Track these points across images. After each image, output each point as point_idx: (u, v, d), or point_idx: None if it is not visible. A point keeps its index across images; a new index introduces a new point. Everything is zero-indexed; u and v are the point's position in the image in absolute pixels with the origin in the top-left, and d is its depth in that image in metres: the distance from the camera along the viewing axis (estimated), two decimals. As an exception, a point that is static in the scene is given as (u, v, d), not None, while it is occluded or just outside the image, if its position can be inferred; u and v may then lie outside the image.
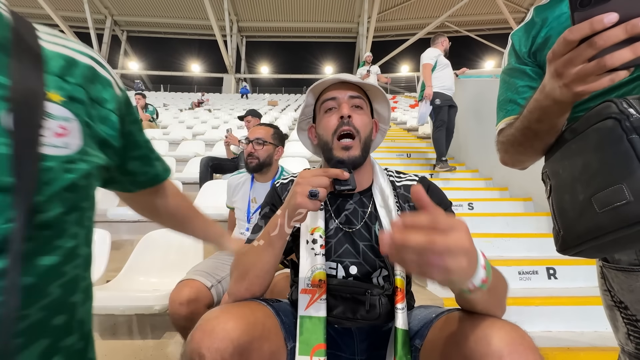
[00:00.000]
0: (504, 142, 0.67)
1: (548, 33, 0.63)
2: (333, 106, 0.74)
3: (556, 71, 0.45)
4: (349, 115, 0.71)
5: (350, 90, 0.75)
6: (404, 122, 7.07)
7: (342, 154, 0.71)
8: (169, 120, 7.10)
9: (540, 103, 0.52)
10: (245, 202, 1.57)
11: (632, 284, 0.52)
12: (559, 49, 0.43)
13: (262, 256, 0.66)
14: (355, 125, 0.72)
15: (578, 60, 0.41)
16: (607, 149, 0.44)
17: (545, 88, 0.49)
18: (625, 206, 0.41)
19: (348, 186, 0.62)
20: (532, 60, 0.67)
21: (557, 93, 0.47)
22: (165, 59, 21.06)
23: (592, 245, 0.47)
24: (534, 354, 0.46)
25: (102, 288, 1.55)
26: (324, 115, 0.75)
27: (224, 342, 0.53)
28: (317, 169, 0.64)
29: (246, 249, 0.71)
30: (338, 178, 0.62)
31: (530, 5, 16.21)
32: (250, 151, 1.51)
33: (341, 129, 0.71)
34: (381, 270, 0.72)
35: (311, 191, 0.59)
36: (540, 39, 0.64)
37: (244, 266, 0.68)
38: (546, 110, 0.52)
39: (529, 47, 0.67)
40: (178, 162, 3.79)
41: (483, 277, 0.44)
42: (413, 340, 0.63)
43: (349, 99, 0.74)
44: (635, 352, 0.54)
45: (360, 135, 0.72)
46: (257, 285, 0.68)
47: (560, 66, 0.43)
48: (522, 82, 0.67)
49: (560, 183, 0.53)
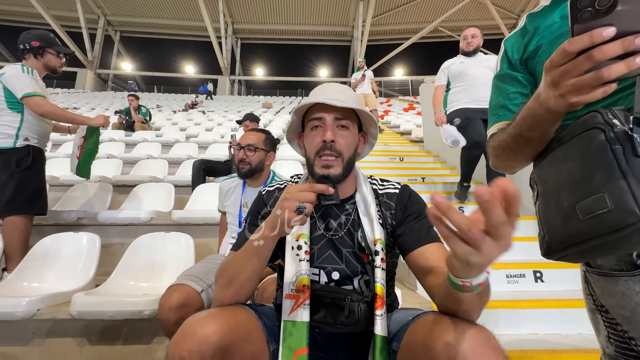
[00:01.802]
0: (495, 147, 0.68)
1: (539, 42, 0.64)
2: (319, 125, 0.75)
3: (552, 81, 0.45)
4: (332, 140, 0.72)
5: (336, 112, 0.75)
6: (397, 125, 7.12)
7: (323, 172, 0.73)
8: (162, 122, 7.04)
9: (534, 111, 0.53)
10: (236, 207, 1.57)
11: (612, 288, 0.53)
12: (557, 59, 0.43)
13: (247, 265, 0.68)
14: (337, 149, 0.73)
15: (575, 71, 0.42)
16: (591, 158, 0.45)
17: (540, 97, 0.50)
18: (607, 214, 0.42)
19: (332, 201, 0.66)
20: (523, 67, 0.68)
21: (551, 102, 0.48)
22: (159, 60, 20.93)
23: (575, 251, 0.48)
24: (497, 356, 0.48)
25: (91, 293, 1.52)
26: (310, 132, 0.76)
27: (205, 345, 0.55)
28: (303, 185, 0.66)
29: (231, 258, 0.72)
30: (323, 193, 0.64)
31: (521, 11, 16.54)
32: (242, 157, 1.52)
33: (323, 152, 0.73)
34: (362, 275, 0.74)
35: (299, 207, 0.61)
36: (532, 47, 0.65)
37: (230, 274, 0.69)
38: (539, 119, 0.53)
39: (521, 54, 0.68)
40: (171, 165, 3.75)
41: (481, 281, 0.46)
42: (391, 343, 0.65)
43: (335, 120, 0.74)
44: (614, 355, 0.55)
45: (343, 156, 0.74)
46: (242, 294, 0.70)
47: (557, 76, 0.44)
48: (514, 88, 0.68)
49: (547, 189, 0.54)
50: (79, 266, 1.78)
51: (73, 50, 2.10)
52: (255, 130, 1.63)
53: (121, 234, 2.38)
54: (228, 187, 1.64)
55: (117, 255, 1.90)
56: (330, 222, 0.78)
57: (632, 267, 0.50)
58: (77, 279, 1.72)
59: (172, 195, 2.82)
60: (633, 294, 0.50)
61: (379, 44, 18.79)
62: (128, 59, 20.79)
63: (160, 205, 2.70)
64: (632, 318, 0.51)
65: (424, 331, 0.57)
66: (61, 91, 13.80)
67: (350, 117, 0.77)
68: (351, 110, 0.77)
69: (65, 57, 2.05)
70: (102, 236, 1.94)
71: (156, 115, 7.73)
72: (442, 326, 0.53)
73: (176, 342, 0.57)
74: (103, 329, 1.48)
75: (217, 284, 0.72)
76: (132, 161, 3.82)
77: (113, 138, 4.86)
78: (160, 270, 1.77)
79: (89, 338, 1.48)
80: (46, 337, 1.46)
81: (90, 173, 2.18)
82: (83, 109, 8.73)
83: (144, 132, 5.36)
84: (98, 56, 18.05)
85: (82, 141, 2.05)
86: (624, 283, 0.51)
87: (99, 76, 18.45)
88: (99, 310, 1.39)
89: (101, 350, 1.46)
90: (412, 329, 0.62)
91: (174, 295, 1.13)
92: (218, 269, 0.73)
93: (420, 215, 0.76)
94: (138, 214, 2.36)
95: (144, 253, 1.83)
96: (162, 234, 1.90)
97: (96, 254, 1.81)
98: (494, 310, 1.46)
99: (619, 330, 0.53)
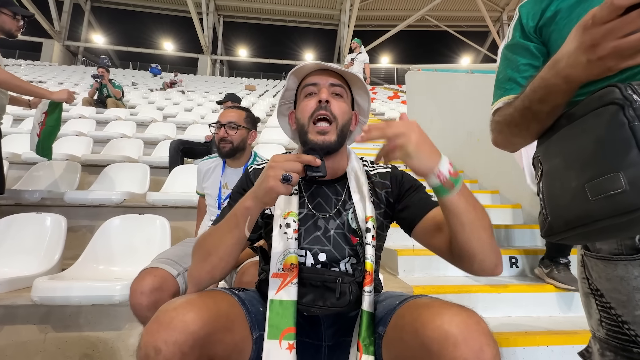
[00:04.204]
0: (499, 121, 0.64)
1: (558, 6, 0.59)
2: (313, 91, 0.75)
3: (593, 41, 0.41)
4: (327, 100, 0.72)
5: (332, 77, 0.75)
6: (382, 113, 7.12)
7: (317, 138, 0.71)
8: (138, 100, 6.66)
9: (547, 81, 0.49)
10: (216, 188, 1.50)
11: (610, 272, 0.52)
12: (602, 15, 0.39)
13: (226, 238, 0.65)
14: (332, 111, 0.72)
15: (621, 31, 0.38)
16: (607, 135, 0.42)
17: (560, 63, 0.46)
18: (620, 195, 0.39)
19: (319, 173, 0.64)
20: (537, 37, 0.64)
21: (579, 69, 0.43)
22: (135, 34, 19.61)
23: (579, 233, 0.46)
24: (487, 339, 0.48)
25: (55, 277, 1.42)
26: (304, 99, 0.76)
27: (183, 335, 0.50)
28: (290, 154, 0.64)
29: (211, 230, 0.70)
30: (310, 164, 0.63)
31: (505, 5, 16.76)
32: (223, 136, 1.43)
33: (318, 112, 0.72)
34: (350, 257, 0.73)
35: (284, 175, 0.59)
36: (549, 13, 0.61)
37: (207, 248, 0.67)
38: (552, 89, 0.49)
39: (537, 22, 0.63)
40: (146, 145, 3.56)
41: (450, 169, 0.55)
42: (377, 327, 0.64)
43: (330, 86, 0.75)
44: (605, 338, 0.55)
45: (337, 121, 0.73)
46: (219, 269, 0.67)
47: (600, 36, 0.40)
48: (525, 59, 0.64)
49: (553, 168, 0.51)
50: (42, 249, 1.65)
51: (33, 12, 1.88)
52: (235, 107, 1.54)
53: (90, 216, 2.24)
54: (207, 167, 1.56)
55: (86, 238, 1.79)
56: (319, 202, 0.76)
57: (633, 251, 0.49)
58: (40, 262, 1.60)
59: (148, 177, 2.68)
60: (632, 278, 0.49)
61: (366, 29, 18.51)
62: (100, 32, 19.37)
63: (134, 187, 2.55)
64: (627, 302, 0.50)
65: (413, 315, 0.56)
66: (25, 63, 12.71)
67: (344, 87, 0.77)
68: (346, 83, 0.77)
69: (24, 20, 1.83)
70: (69, 218, 1.81)
71: (131, 93, 7.31)
72: (432, 310, 0.53)
73: (150, 331, 0.51)
74: (70, 315, 1.39)
75: (193, 258, 0.69)
76: (103, 140, 3.59)
77: (82, 115, 4.54)
78: (133, 254, 1.67)
79: (54, 325, 1.38)
80: (5, 325, 1.35)
81: (52, 152, 2.01)
82: (50, 83, 8.11)
83: (117, 109, 5.05)
84: (66, 26, 16.69)
85: (43, 117, 1.86)
86: (622, 267, 0.50)
87: (68, 49, 17.13)
88: (63, 295, 1.29)
89: (67, 338, 1.37)
90: (400, 313, 0.61)
91: (147, 278, 1.07)
92: (196, 242, 0.70)
93: (416, 187, 0.78)
94: (109, 195, 2.22)
95: (116, 236, 1.72)
96: (135, 216, 1.80)
97: (62, 236, 1.69)
98: (473, 295, 1.51)
99: (613, 314, 0.53)
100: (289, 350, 0.60)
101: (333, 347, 0.71)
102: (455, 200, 0.56)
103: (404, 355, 0.56)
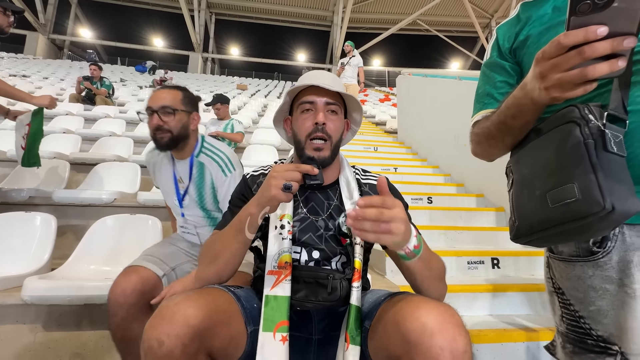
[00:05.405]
0: (478, 133, 0.70)
1: (529, 32, 0.65)
2: (310, 108, 0.79)
3: (541, 73, 0.47)
4: (323, 123, 0.76)
5: (328, 96, 0.79)
6: (372, 115, 7.20)
7: (313, 154, 0.77)
8: (127, 98, 6.56)
9: (519, 100, 0.55)
10: (170, 184, 1.31)
11: (569, 272, 0.59)
12: (550, 51, 0.45)
13: (232, 241, 0.71)
14: (328, 132, 0.77)
15: (563, 66, 0.43)
16: (566, 150, 0.48)
17: (526, 87, 0.52)
18: (574, 203, 0.45)
19: (317, 181, 0.68)
20: (512, 57, 0.70)
21: (535, 94, 0.49)
22: (124, 30, 19.23)
23: (542, 236, 0.52)
24: (460, 329, 0.53)
25: (46, 277, 1.41)
26: (301, 115, 0.80)
27: (184, 329, 0.55)
28: (289, 164, 0.69)
29: (217, 235, 0.76)
30: (308, 173, 0.67)
31: (494, 11, 17.17)
32: (158, 124, 1.17)
33: (315, 134, 0.77)
34: (341, 256, 0.78)
35: (285, 184, 0.64)
36: (522, 37, 0.67)
37: (214, 251, 0.73)
38: (522, 108, 0.55)
39: (511, 43, 0.69)
40: (136, 144, 3.53)
41: (415, 243, 0.59)
42: (363, 321, 0.69)
43: (325, 104, 0.78)
44: (566, 332, 0.61)
45: (332, 139, 0.78)
46: (225, 271, 0.73)
47: (547, 69, 0.46)
48: (501, 77, 0.70)
49: (521, 178, 0.57)
50: (31, 248, 1.64)
51: (23, 8, 1.84)
52: (168, 86, 1.28)
53: (80, 216, 2.21)
54: (154, 160, 1.36)
55: (76, 238, 1.78)
56: (312, 205, 0.81)
57: (587, 253, 0.56)
58: (30, 262, 1.59)
59: (138, 176, 2.66)
60: (586, 277, 0.55)
61: (358, 32, 18.66)
62: (87, 26, 18.92)
63: (125, 187, 2.54)
64: (583, 299, 0.56)
65: (395, 309, 0.61)
66: (7, 56, 12.30)
67: (339, 103, 0.81)
68: (340, 96, 0.81)
69: (14, 16, 1.81)
70: (59, 217, 1.79)
71: (119, 90, 7.19)
72: (412, 304, 0.58)
73: (153, 325, 0.55)
74: (60, 315, 1.39)
75: (200, 262, 0.75)
76: (92, 138, 3.54)
77: (70, 112, 4.45)
78: (125, 255, 1.67)
79: (45, 325, 1.38)
80: (-6, 324, 1.34)
81: (40, 159, 1.92)
82: (34, 77, 7.89)
83: (105, 107, 4.97)
84: (52, 19, 16.26)
85: (27, 129, 1.80)
86: (579, 268, 0.56)
87: (53, 42, 16.68)
88: (54, 295, 1.30)
89: (57, 336, 1.37)
90: (384, 307, 0.66)
91: (132, 277, 1.04)
92: (202, 247, 0.75)
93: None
94: (100, 195, 2.21)
95: (107, 235, 1.72)
96: (127, 216, 1.80)
97: (52, 236, 1.67)
98: (455, 294, 1.57)
99: (572, 310, 0.59)
100: (282, 342, 0.65)
101: (323, 341, 0.76)
102: (413, 264, 0.62)
103: (386, 346, 0.60)
